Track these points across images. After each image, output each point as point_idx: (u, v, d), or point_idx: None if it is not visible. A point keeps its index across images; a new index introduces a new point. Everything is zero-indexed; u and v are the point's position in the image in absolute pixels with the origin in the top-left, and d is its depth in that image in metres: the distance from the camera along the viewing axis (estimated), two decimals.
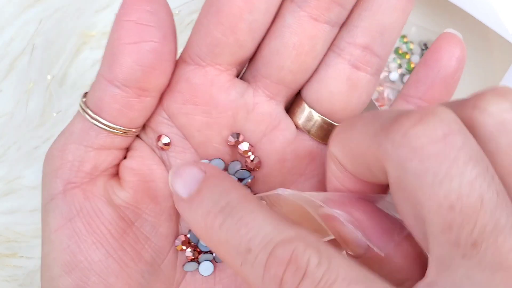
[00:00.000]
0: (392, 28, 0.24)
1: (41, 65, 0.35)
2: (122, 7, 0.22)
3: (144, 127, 0.25)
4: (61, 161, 0.24)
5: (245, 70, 0.25)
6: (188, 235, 0.25)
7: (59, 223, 0.24)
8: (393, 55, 0.43)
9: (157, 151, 0.25)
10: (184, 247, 0.25)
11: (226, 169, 0.25)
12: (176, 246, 0.25)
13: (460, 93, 0.41)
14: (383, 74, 0.42)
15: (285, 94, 0.25)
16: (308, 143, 0.25)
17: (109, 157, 0.24)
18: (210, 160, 0.25)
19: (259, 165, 0.25)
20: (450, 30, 0.24)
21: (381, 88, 0.43)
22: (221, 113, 0.24)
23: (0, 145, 0.35)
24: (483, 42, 0.41)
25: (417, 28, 0.42)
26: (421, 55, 0.42)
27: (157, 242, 0.25)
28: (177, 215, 0.25)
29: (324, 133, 0.25)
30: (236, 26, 0.22)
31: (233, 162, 0.25)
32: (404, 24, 0.24)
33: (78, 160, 0.24)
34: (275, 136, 0.25)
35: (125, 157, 0.25)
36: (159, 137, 0.24)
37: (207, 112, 0.24)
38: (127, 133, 0.24)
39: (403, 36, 0.42)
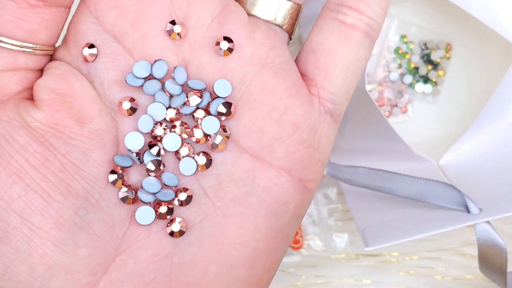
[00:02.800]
0: None
1: None
2: None
3: (66, 45, 0.22)
4: None
5: None
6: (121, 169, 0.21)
7: None
8: (393, 55, 0.43)
9: (83, 68, 0.21)
10: (120, 181, 0.20)
11: (171, 76, 0.21)
12: (110, 181, 0.20)
13: (460, 93, 0.42)
14: (383, 74, 0.42)
15: None
16: (263, 27, 0.22)
17: (15, 78, 0.21)
18: (151, 63, 0.21)
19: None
20: None
21: (381, 88, 0.43)
22: None
23: None
24: (483, 42, 0.41)
25: (417, 28, 0.42)
26: (421, 55, 0.42)
27: (89, 171, 0.20)
28: (113, 139, 0.21)
29: (281, 13, 0.22)
30: None
31: (177, 68, 0.21)
32: None
33: None
34: (227, 19, 0.22)
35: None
36: (83, 48, 0.21)
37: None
38: (31, 50, 0.21)
39: (403, 36, 0.42)
